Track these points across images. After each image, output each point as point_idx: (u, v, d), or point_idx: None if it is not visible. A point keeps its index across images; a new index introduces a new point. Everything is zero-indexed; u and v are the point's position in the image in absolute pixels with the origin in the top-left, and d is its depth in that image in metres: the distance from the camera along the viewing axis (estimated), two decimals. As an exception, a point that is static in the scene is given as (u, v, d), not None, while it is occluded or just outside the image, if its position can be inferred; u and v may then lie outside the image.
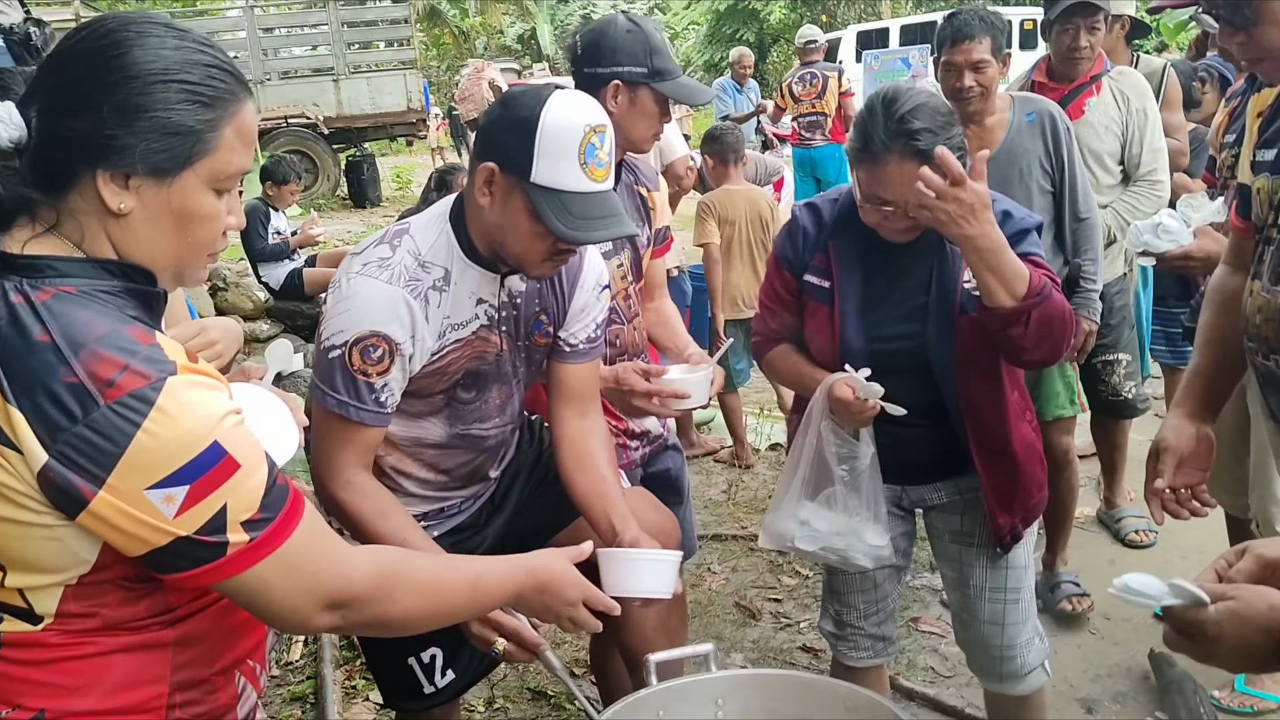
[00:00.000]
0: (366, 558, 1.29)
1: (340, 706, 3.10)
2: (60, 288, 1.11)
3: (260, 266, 6.57)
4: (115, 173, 1.12)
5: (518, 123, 1.77)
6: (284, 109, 14.15)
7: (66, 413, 1.04)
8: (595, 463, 2.08)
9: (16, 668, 1.16)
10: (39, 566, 1.12)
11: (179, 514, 1.08)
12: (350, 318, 1.81)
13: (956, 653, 3.25)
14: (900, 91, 1.99)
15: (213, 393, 1.12)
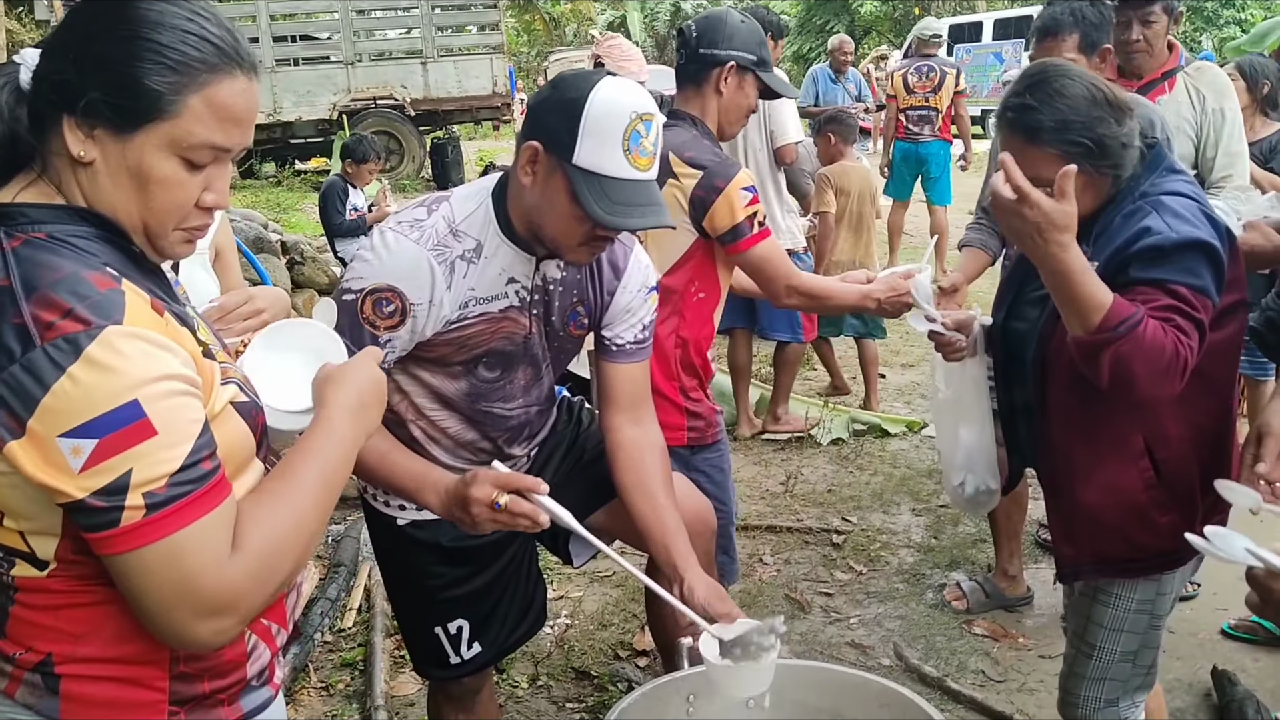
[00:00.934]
0: (239, 552, 1.16)
1: (388, 675, 3.15)
2: (32, 234, 1.13)
3: (337, 242, 6.68)
4: (80, 120, 1.14)
5: (565, 104, 1.77)
6: (373, 90, 14.36)
7: (7, 353, 1.05)
8: (653, 485, 2.05)
9: (29, 611, 1.19)
10: (19, 513, 1.14)
11: (84, 469, 1.06)
12: (371, 267, 1.84)
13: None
14: (1047, 66, 1.93)
15: (156, 352, 1.10)
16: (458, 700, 2.19)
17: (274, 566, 1.18)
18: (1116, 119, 1.86)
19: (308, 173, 14.75)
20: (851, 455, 4.94)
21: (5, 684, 1.21)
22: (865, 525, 4.18)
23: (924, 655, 3.22)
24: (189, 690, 1.25)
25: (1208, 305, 1.80)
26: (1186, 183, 1.95)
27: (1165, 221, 1.84)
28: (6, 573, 1.19)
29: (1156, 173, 1.94)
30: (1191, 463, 1.95)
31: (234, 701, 1.30)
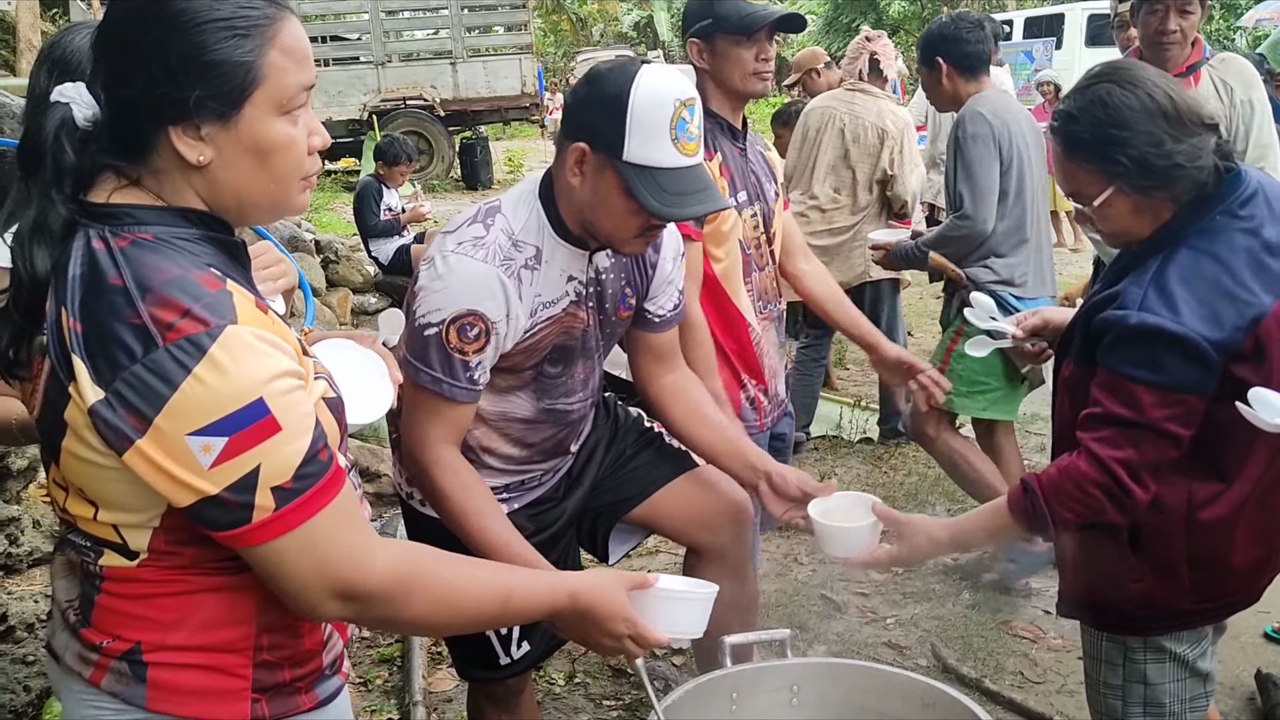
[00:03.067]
0: (388, 556, 1.23)
1: (426, 671, 3.16)
2: (138, 234, 1.14)
3: (371, 242, 6.73)
4: (185, 126, 1.15)
5: (607, 100, 1.76)
6: (403, 90, 14.45)
7: (128, 352, 1.07)
8: (708, 411, 2.17)
9: (117, 600, 1.22)
10: (120, 505, 1.17)
11: (214, 465, 1.08)
12: (447, 296, 1.82)
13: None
14: (1106, 69, 1.79)
15: (270, 350, 1.13)
16: (501, 701, 2.20)
17: (408, 595, 1.24)
18: (1174, 135, 1.68)
19: (338, 173, 14.85)
20: (885, 455, 4.92)
21: (91, 672, 1.24)
22: (900, 525, 4.15)
23: (961, 656, 3.20)
24: (271, 678, 1.27)
25: (1186, 400, 1.66)
26: (1244, 233, 1.71)
27: (1148, 291, 1.69)
28: (94, 562, 1.22)
29: (1214, 211, 1.73)
30: (1179, 538, 1.78)
31: (310, 690, 1.32)
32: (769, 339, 2.69)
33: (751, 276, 2.59)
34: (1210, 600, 1.84)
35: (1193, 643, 1.88)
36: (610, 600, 1.42)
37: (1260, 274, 1.69)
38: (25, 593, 2.87)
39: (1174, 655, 1.87)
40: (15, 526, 2.98)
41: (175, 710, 1.23)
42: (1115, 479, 1.70)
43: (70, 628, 1.27)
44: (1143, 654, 1.88)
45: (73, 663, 1.26)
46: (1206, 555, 1.79)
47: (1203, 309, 1.66)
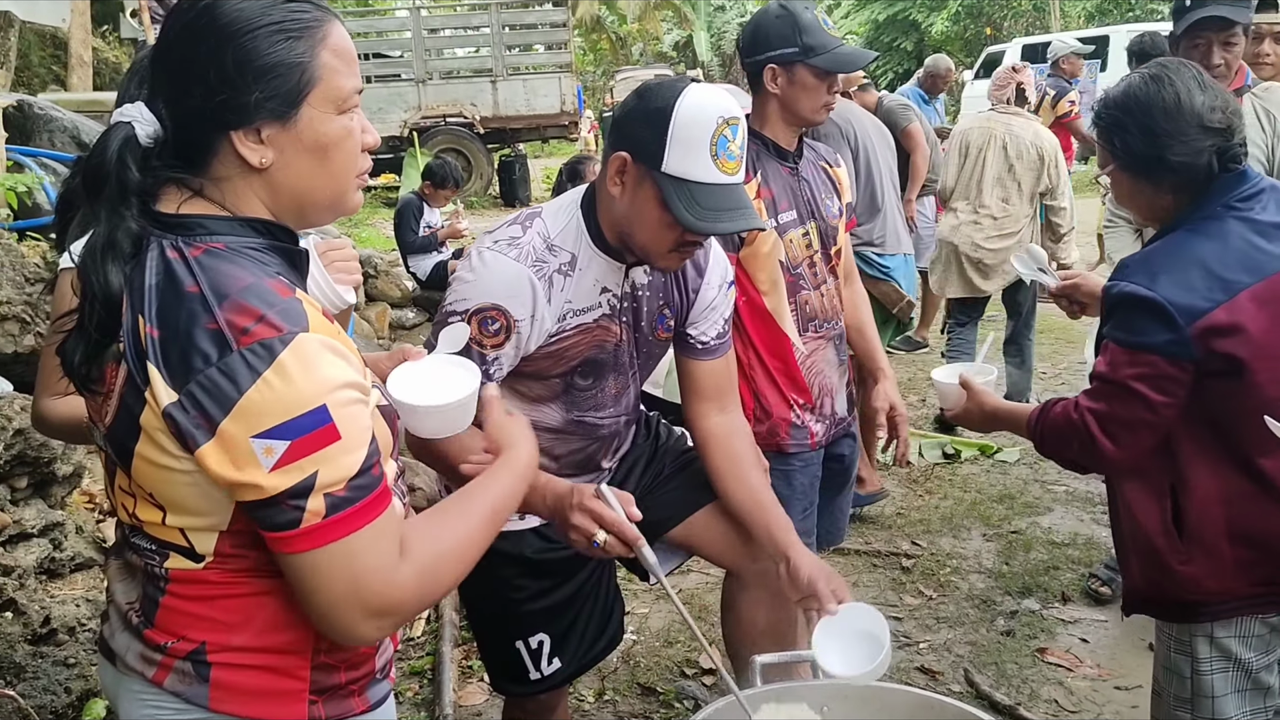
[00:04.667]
0: (408, 560, 1.22)
1: (456, 684, 3.18)
2: (211, 244, 1.18)
3: (409, 258, 6.81)
4: (246, 130, 1.18)
5: (652, 113, 1.79)
6: (443, 108, 14.60)
7: (203, 356, 1.10)
8: (746, 469, 2.13)
9: (182, 601, 1.25)
10: (189, 509, 1.20)
11: (275, 468, 1.11)
12: (475, 288, 1.86)
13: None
14: (1154, 63, 1.91)
15: (337, 360, 1.15)
16: (534, 716, 2.20)
17: (437, 579, 1.26)
18: (1168, 132, 1.81)
19: (377, 188, 15.00)
20: (920, 479, 4.89)
21: (154, 672, 1.26)
22: (935, 549, 4.12)
23: (995, 682, 3.17)
24: (327, 680, 1.29)
25: (1153, 361, 1.78)
26: (1240, 221, 1.83)
27: (1136, 266, 1.85)
28: (159, 565, 1.25)
29: (1215, 203, 1.85)
30: (1217, 517, 1.85)
31: (363, 693, 1.35)
32: (823, 358, 2.66)
33: (799, 295, 2.57)
34: (1261, 583, 1.86)
35: (1260, 651, 1.90)
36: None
37: (1247, 257, 1.79)
38: (67, 597, 2.92)
39: (1239, 662, 1.89)
40: (59, 532, 3.03)
41: (236, 710, 1.25)
42: (1085, 428, 1.90)
43: (132, 629, 1.29)
44: (1209, 662, 1.90)
45: (134, 663, 1.28)
46: (1244, 532, 1.84)
47: (1177, 278, 1.78)
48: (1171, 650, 1.98)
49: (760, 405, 2.59)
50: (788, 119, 2.54)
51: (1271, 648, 1.92)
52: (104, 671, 1.37)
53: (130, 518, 1.26)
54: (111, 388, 1.19)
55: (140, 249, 1.18)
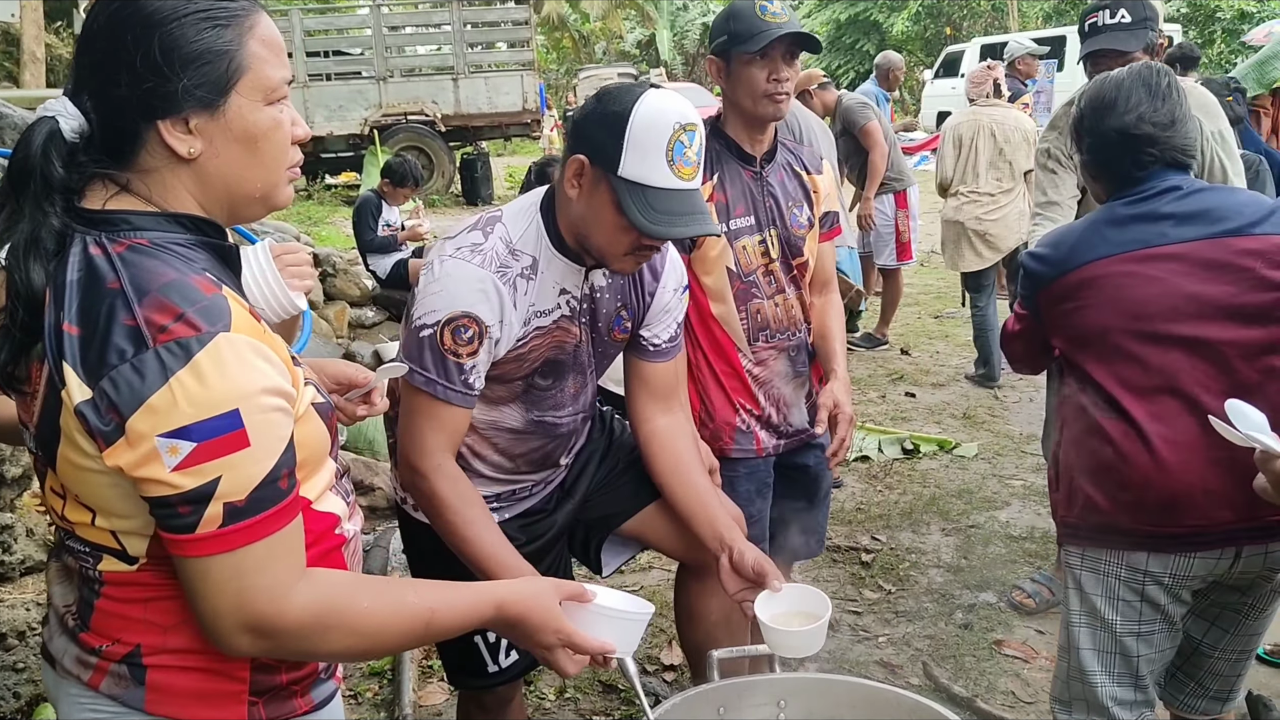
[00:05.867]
0: (307, 594, 1.19)
1: (416, 684, 3.16)
2: (135, 240, 1.16)
3: (369, 257, 6.75)
4: (174, 120, 1.17)
5: (610, 117, 1.80)
6: (404, 106, 14.50)
7: (119, 353, 1.08)
8: (690, 469, 2.12)
9: (116, 604, 1.23)
10: (115, 511, 1.18)
11: (178, 468, 1.09)
12: (443, 298, 1.85)
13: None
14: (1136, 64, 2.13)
15: (258, 362, 1.13)
16: (489, 710, 2.20)
17: (325, 634, 1.21)
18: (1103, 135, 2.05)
19: (338, 187, 14.88)
20: (880, 474, 4.92)
21: (90, 675, 1.25)
22: (894, 544, 4.15)
23: (953, 675, 3.19)
24: (268, 681, 1.28)
25: (1024, 313, 2.19)
26: (1124, 204, 2.05)
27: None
28: (93, 567, 1.22)
29: (1129, 194, 2.06)
30: (1070, 453, 2.10)
31: (306, 693, 1.33)
32: (775, 369, 2.60)
33: (750, 304, 2.52)
34: (1080, 517, 2.07)
35: (1127, 618, 2.03)
36: (541, 610, 1.37)
37: (1098, 235, 2.04)
38: (17, 600, 2.87)
39: (1105, 622, 2.05)
40: (9, 534, 2.98)
41: (174, 712, 1.23)
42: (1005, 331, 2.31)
43: (69, 632, 1.27)
44: (1079, 615, 2.10)
45: (71, 666, 1.26)
46: (1079, 464, 2.07)
47: (1047, 251, 2.11)
48: (1062, 603, 2.18)
49: (705, 408, 2.57)
50: (738, 115, 2.47)
51: (1144, 619, 2.02)
52: (46, 675, 1.35)
53: (62, 520, 1.24)
54: (37, 388, 1.17)
55: (64, 246, 1.16)
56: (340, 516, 1.34)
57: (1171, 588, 1.99)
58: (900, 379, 6.39)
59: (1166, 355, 1.95)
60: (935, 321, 7.85)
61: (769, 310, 2.55)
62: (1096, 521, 2.04)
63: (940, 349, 7.07)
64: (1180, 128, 2.02)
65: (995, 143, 5.82)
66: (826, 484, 2.85)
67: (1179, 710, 2.21)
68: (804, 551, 2.88)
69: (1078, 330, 2.06)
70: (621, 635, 1.47)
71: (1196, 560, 1.96)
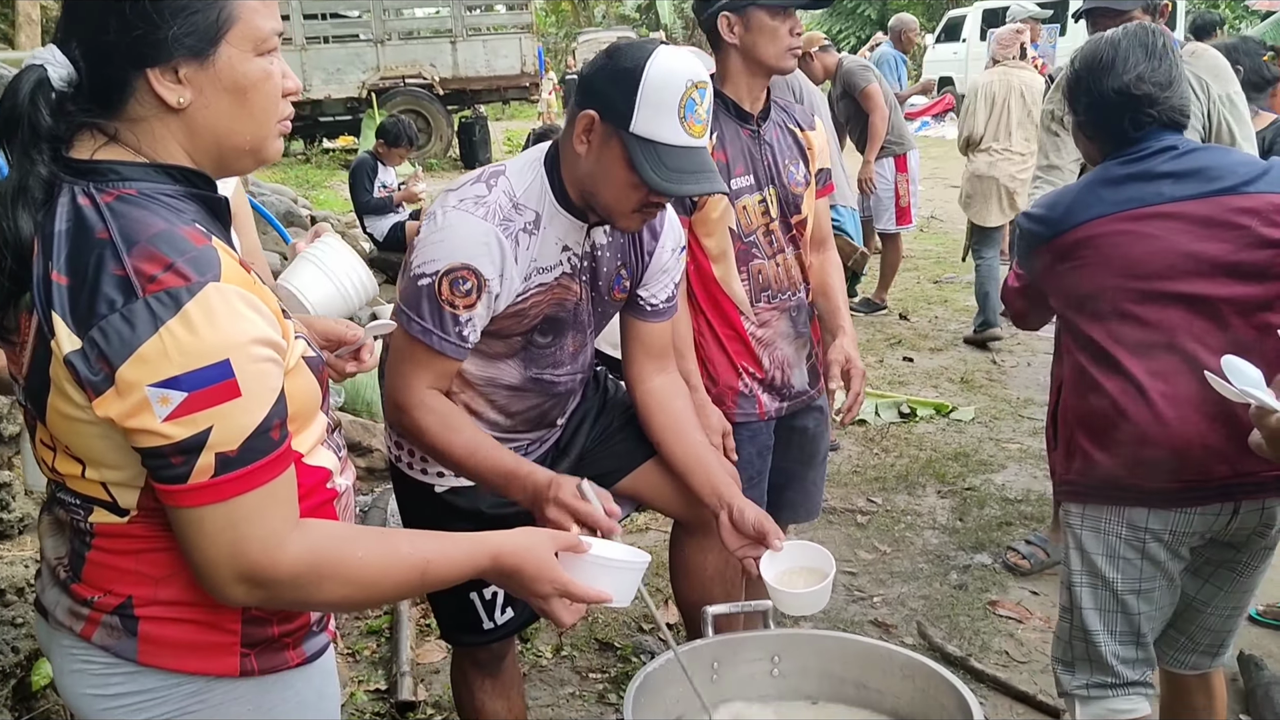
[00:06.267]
0: (301, 543, 1.19)
1: (414, 642, 3.18)
2: (124, 190, 1.15)
3: (365, 218, 6.72)
4: (163, 68, 1.15)
5: (622, 73, 1.79)
6: (402, 69, 14.40)
7: (108, 302, 1.08)
8: (687, 426, 2.13)
9: (108, 556, 1.23)
10: (105, 463, 1.17)
11: (169, 418, 1.08)
12: (443, 248, 1.84)
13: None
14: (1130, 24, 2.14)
15: (249, 313, 1.13)
16: (484, 665, 2.21)
17: (320, 584, 1.21)
18: (1083, 91, 2.06)
19: (335, 151, 14.80)
20: (877, 437, 4.93)
21: (81, 626, 1.25)
22: (890, 506, 4.17)
23: (947, 635, 3.22)
24: (260, 633, 1.28)
25: (1024, 273, 2.20)
26: (1120, 163, 2.04)
27: None
28: (84, 519, 1.22)
29: (1125, 154, 2.04)
30: (1067, 411, 2.12)
31: (298, 645, 1.33)
32: (778, 330, 2.58)
33: (751, 264, 2.50)
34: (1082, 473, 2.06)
35: (1128, 576, 2.04)
36: (536, 560, 1.36)
37: (1093, 195, 2.04)
38: (15, 557, 2.88)
39: (1105, 581, 2.05)
40: (7, 492, 2.98)
41: (165, 663, 1.24)
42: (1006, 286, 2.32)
43: (60, 584, 1.28)
44: (1080, 575, 2.09)
45: (63, 618, 1.27)
46: (1075, 418, 2.08)
47: (1044, 212, 2.11)
48: (1062, 563, 2.17)
49: (708, 373, 2.55)
50: (752, 70, 2.44)
51: (1145, 576, 2.03)
52: (39, 627, 1.36)
53: (52, 472, 1.24)
54: (26, 339, 1.16)
55: (52, 196, 1.15)
56: (332, 470, 1.33)
57: (1171, 544, 2.00)
58: (898, 343, 6.39)
59: (1165, 312, 1.94)
60: (934, 286, 7.83)
61: (769, 270, 2.54)
62: (1097, 478, 2.03)
63: (939, 314, 7.06)
64: (1177, 88, 2.02)
65: (1025, 103, 5.98)
66: (824, 446, 2.85)
67: (1169, 665, 2.22)
68: (802, 514, 2.88)
69: (1075, 290, 2.05)
70: (618, 584, 1.48)
71: (1196, 516, 1.97)
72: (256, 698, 1.29)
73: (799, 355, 2.65)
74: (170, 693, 1.25)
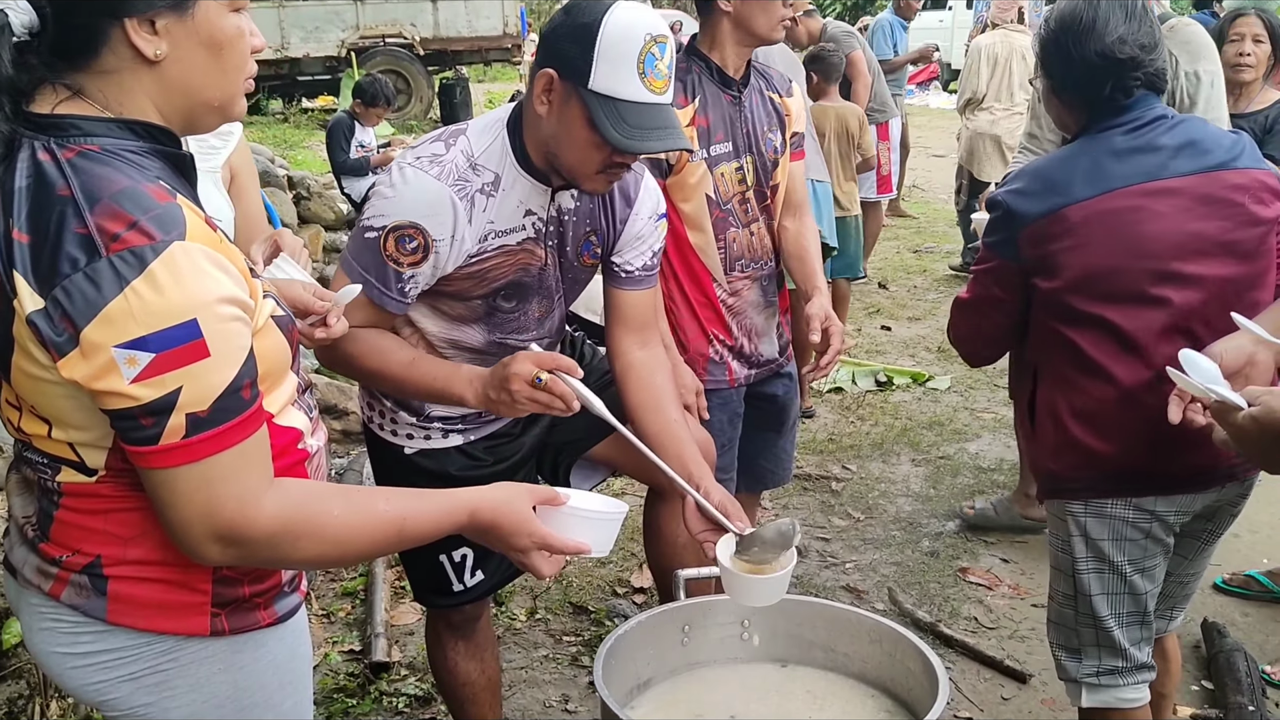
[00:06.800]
0: (276, 501, 1.18)
1: (389, 604, 3.19)
2: (86, 145, 1.13)
3: (344, 179, 6.65)
4: (141, 19, 1.14)
5: (578, 29, 1.76)
6: (382, 28, 14.19)
7: (71, 261, 1.06)
8: (664, 402, 2.08)
9: (76, 515, 1.22)
10: (71, 423, 1.16)
11: (137, 379, 1.07)
12: (393, 204, 1.83)
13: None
14: None
15: (215, 271, 1.11)
16: (457, 627, 2.22)
17: (295, 542, 1.21)
18: (1071, 56, 1.94)
19: (314, 110, 14.60)
20: (853, 405, 4.96)
21: (50, 585, 1.25)
22: (864, 474, 4.20)
23: (918, 601, 3.25)
24: (230, 593, 1.28)
25: (993, 258, 2.03)
26: (1123, 133, 1.94)
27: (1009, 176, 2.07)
28: (51, 478, 1.22)
29: (1098, 125, 1.97)
30: (1054, 403, 2.02)
31: (269, 605, 1.34)
32: (748, 299, 2.59)
33: (727, 233, 2.50)
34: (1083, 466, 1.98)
35: (1134, 556, 2.00)
36: (513, 514, 1.36)
37: (1097, 170, 1.92)
38: (-14, 517, 2.87)
39: (1112, 564, 2.00)
40: (-25, 452, 2.96)
41: (135, 623, 1.24)
42: (956, 303, 2.18)
43: (29, 542, 1.27)
44: (1085, 561, 2.02)
45: (31, 576, 1.26)
46: (1069, 411, 1.98)
47: (1021, 188, 1.97)
48: (1057, 549, 2.10)
49: (679, 339, 2.55)
50: (741, 39, 2.44)
51: (1148, 555, 2.00)
52: (7, 585, 1.35)
53: (18, 432, 1.23)
54: None
55: (12, 151, 1.12)
56: (303, 431, 1.33)
57: (1173, 523, 1.98)
58: (877, 312, 6.42)
59: (1180, 293, 1.88)
60: (914, 256, 7.85)
61: (743, 239, 2.54)
62: (1105, 470, 1.96)
63: (918, 283, 7.08)
64: (1160, 50, 1.95)
65: (1026, 65, 6.09)
66: (794, 412, 2.87)
67: None
68: (772, 479, 2.92)
69: (1078, 269, 1.91)
70: (597, 535, 1.47)
71: (1199, 496, 1.96)
72: (227, 657, 1.29)
73: (768, 324, 2.67)
74: (140, 652, 1.25)
